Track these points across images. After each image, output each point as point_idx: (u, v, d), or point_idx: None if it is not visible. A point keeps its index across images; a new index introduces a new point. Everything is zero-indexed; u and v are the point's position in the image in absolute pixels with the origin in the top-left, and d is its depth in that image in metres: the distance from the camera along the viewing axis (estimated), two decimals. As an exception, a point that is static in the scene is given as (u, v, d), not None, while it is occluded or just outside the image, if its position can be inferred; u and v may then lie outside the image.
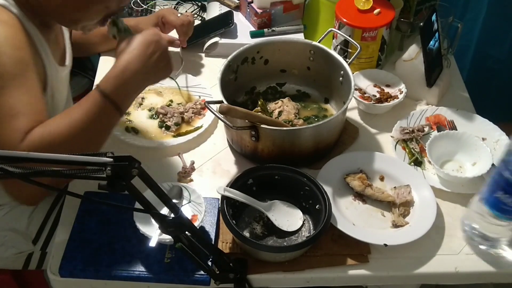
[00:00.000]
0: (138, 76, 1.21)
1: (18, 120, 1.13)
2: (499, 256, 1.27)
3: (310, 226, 1.31)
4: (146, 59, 1.21)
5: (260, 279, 1.22)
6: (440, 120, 1.57)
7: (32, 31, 1.26)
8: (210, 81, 1.65)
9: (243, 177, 1.31)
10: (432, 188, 1.37)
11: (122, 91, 1.20)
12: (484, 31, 2.08)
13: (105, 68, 1.70)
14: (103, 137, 1.22)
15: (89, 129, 1.17)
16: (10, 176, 0.82)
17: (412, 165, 1.44)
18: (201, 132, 1.52)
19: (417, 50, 1.61)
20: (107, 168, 0.86)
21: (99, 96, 1.18)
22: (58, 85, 1.40)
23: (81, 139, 1.16)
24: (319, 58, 1.57)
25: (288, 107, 1.56)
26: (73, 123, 1.15)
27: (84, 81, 2.26)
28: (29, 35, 1.25)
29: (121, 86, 1.19)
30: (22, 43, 1.20)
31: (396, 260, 1.26)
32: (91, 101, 1.18)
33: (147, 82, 1.26)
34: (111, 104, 1.18)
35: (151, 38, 1.23)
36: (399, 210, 1.33)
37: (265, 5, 1.80)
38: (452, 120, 1.56)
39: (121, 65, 1.20)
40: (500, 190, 1.17)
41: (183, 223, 1.03)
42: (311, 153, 1.42)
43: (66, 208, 1.35)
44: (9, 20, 1.20)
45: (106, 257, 1.22)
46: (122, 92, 1.20)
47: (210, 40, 1.77)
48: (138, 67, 1.21)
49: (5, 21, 1.19)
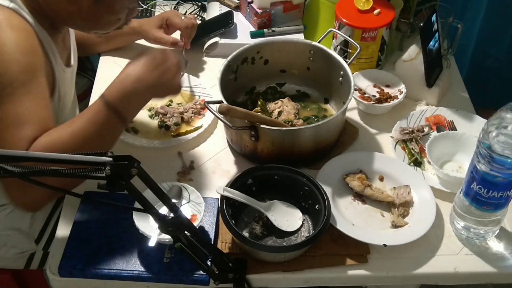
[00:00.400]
0: (140, 86, 1.20)
1: (24, 129, 1.13)
2: (487, 249, 1.29)
3: (310, 226, 1.31)
4: (150, 71, 1.21)
5: (259, 279, 1.23)
6: (440, 120, 1.57)
7: (42, 34, 1.26)
8: (210, 81, 1.66)
9: (242, 177, 1.31)
10: (431, 188, 1.37)
11: (125, 100, 1.20)
12: (483, 30, 2.08)
13: (105, 68, 1.72)
14: (107, 147, 1.21)
15: (92, 138, 1.17)
16: (10, 175, 0.82)
17: (411, 165, 1.44)
18: (200, 132, 1.52)
19: (417, 51, 1.62)
20: (106, 168, 0.86)
21: (102, 105, 1.18)
22: (65, 86, 1.40)
23: (85, 149, 1.15)
24: (319, 58, 1.57)
25: (288, 107, 1.56)
26: (76, 132, 1.16)
27: (84, 81, 2.26)
28: (39, 39, 1.25)
29: (124, 94, 1.19)
30: (33, 48, 1.20)
31: (395, 260, 1.26)
32: (94, 110, 1.19)
33: (150, 94, 1.25)
34: (114, 113, 1.19)
35: (158, 55, 1.23)
36: (399, 211, 1.33)
37: (265, 5, 1.80)
38: (452, 121, 1.56)
39: (124, 74, 1.21)
40: (474, 181, 1.19)
41: (182, 223, 1.03)
42: (310, 153, 1.42)
43: (66, 208, 1.35)
44: (20, 25, 1.20)
45: (106, 257, 1.22)
46: (125, 101, 1.20)
47: (210, 40, 1.77)
48: (141, 77, 1.20)
49: (16, 25, 1.19)
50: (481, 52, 2.16)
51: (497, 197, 1.17)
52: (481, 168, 1.15)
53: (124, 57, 1.76)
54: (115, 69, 1.71)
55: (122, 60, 1.75)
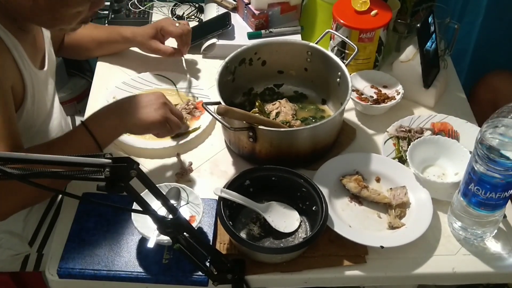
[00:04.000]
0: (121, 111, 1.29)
1: None
2: (484, 249, 1.29)
3: (307, 228, 1.31)
4: (139, 100, 1.31)
5: (258, 280, 1.23)
6: (446, 128, 1.55)
7: (6, 37, 1.23)
8: (208, 83, 1.66)
9: (240, 178, 1.32)
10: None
11: (100, 120, 1.26)
12: (482, 35, 2.07)
13: (103, 71, 1.72)
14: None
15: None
16: (9, 177, 0.82)
17: (396, 161, 1.45)
18: (198, 133, 1.52)
19: (414, 51, 1.62)
20: (105, 170, 0.86)
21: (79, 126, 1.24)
22: (38, 89, 1.37)
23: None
24: (317, 59, 1.57)
25: (285, 108, 1.56)
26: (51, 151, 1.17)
27: (82, 82, 2.27)
28: (2, 41, 1.22)
29: (101, 115, 1.26)
30: None
31: (393, 261, 1.27)
32: (70, 132, 1.26)
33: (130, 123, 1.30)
34: (87, 131, 1.23)
35: (154, 94, 1.33)
36: (395, 212, 1.34)
37: (262, 7, 1.80)
38: (456, 131, 1.54)
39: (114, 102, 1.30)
40: (472, 182, 1.19)
41: (181, 224, 1.04)
42: (308, 154, 1.42)
43: (65, 209, 1.35)
44: None
45: (105, 258, 1.23)
46: (99, 122, 1.26)
47: (207, 42, 1.78)
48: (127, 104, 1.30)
49: None
50: (480, 57, 2.15)
51: (495, 198, 1.18)
52: (479, 169, 1.15)
53: (121, 60, 1.76)
54: (113, 70, 1.72)
55: (120, 61, 1.76)
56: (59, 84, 2.18)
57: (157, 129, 1.34)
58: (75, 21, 1.27)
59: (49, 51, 1.48)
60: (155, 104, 1.31)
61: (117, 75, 1.70)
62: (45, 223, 1.53)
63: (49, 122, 1.51)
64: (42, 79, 1.41)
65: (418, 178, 1.39)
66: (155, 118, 1.30)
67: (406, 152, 1.43)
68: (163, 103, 1.33)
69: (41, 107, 1.41)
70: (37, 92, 1.36)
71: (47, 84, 1.46)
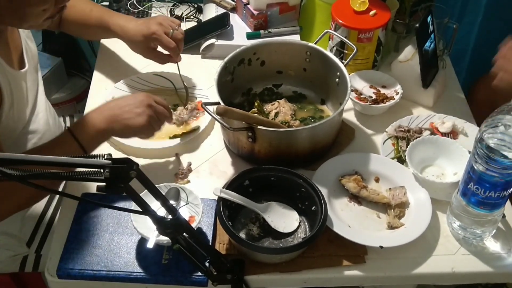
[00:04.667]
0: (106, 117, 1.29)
1: None
2: (484, 249, 1.29)
3: (306, 228, 1.31)
4: (123, 105, 1.32)
5: (257, 280, 1.23)
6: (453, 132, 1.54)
7: None
8: (207, 83, 1.66)
9: (239, 178, 1.32)
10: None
11: (85, 127, 1.27)
12: (481, 35, 2.07)
13: (102, 71, 1.72)
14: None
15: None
16: (9, 178, 0.82)
17: (395, 161, 1.45)
18: (198, 133, 1.52)
19: (413, 51, 1.62)
20: (105, 170, 0.86)
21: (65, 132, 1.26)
22: (17, 91, 1.34)
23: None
24: (315, 60, 1.57)
25: (284, 108, 1.56)
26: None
27: (82, 82, 2.26)
28: None
29: (87, 121, 1.28)
30: None
31: (392, 260, 1.27)
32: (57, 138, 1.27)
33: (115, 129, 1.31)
34: (72, 137, 1.24)
35: (137, 97, 1.35)
36: (395, 212, 1.34)
37: (261, 7, 1.80)
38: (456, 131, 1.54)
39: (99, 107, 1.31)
40: (471, 181, 1.19)
41: (180, 224, 1.04)
42: (307, 154, 1.42)
43: (64, 209, 1.35)
44: None
45: (104, 259, 1.23)
46: (84, 128, 1.28)
47: (206, 42, 1.78)
48: (110, 111, 1.31)
49: None
50: (479, 57, 2.14)
51: (494, 197, 1.18)
52: (478, 168, 1.15)
53: (121, 60, 1.76)
54: (112, 70, 1.72)
55: (119, 61, 1.76)
56: (58, 84, 2.19)
57: (143, 133, 1.36)
58: (42, 18, 1.25)
59: (28, 47, 1.45)
60: (139, 107, 1.32)
61: (116, 75, 1.70)
62: (42, 224, 1.53)
63: (35, 120, 1.48)
64: (21, 79, 1.38)
65: (417, 178, 1.39)
66: (140, 123, 1.31)
67: (405, 152, 1.43)
68: (147, 105, 1.33)
69: (21, 109, 1.39)
70: (16, 93, 1.33)
71: (26, 84, 1.42)
